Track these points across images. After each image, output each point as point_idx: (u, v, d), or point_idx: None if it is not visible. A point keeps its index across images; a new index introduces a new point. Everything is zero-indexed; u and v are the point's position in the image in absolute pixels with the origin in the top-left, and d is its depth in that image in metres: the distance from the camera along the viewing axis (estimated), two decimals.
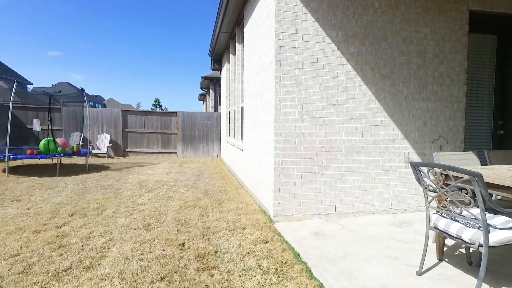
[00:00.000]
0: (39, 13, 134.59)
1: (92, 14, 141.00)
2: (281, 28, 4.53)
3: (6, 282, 2.83)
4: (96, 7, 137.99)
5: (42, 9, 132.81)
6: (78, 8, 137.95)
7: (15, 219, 4.67)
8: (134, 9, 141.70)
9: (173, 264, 3.17)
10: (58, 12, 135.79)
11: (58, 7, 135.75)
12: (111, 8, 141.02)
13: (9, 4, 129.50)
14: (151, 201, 5.79)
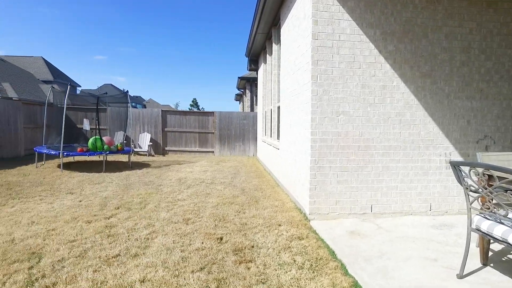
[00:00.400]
0: (86, 21, 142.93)
1: (133, 19, 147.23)
2: (318, 28, 4.57)
3: (67, 263, 3.13)
4: (136, 12, 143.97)
5: (89, 17, 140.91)
6: (120, 14, 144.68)
7: (70, 210, 5.07)
8: (172, 12, 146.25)
9: (211, 256, 3.33)
10: (103, 19, 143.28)
11: (103, 14, 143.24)
12: (150, 13, 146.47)
13: (61, 15, 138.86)
14: (190, 197, 6.03)
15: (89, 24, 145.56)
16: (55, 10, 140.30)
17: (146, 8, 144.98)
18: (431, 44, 4.95)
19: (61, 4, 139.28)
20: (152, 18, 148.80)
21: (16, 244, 3.65)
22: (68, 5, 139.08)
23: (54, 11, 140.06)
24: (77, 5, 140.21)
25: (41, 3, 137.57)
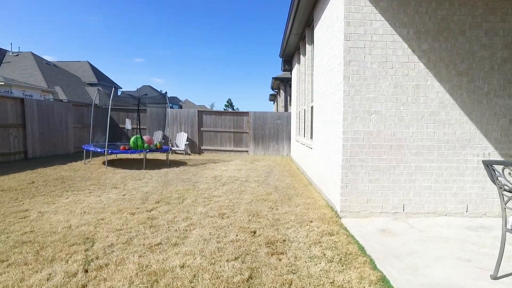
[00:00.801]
0: (127, 26, 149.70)
1: (169, 22, 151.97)
2: (350, 29, 4.65)
3: (116, 248, 3.48)
4: (172, 16, 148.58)
5: (129, 22, 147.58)
6: (157, 18, 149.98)
7: (115, 203, 5.51)
8: (206, 15, 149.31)
9: (245, 248, 3.54)
10: (141, 23, 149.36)
11: (141, 18, 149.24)
12: (186, 16, 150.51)
13: (104, 22, 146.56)
14: (225, 194, 6.30)
15: (130, 29, 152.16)
16: (98, 17, 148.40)
17: (183, 11, 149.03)
18: (469, 42, 4.86)
19: (103, 11, 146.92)
20: (189, 20, 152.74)
21: (73, 230, 4.08)
22: (110, 11, 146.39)
23: (97, 18, 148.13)
24: (119, 10, 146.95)
25: (86, 11, 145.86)
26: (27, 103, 11.13)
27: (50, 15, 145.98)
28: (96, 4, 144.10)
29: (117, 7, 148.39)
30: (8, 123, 10.35)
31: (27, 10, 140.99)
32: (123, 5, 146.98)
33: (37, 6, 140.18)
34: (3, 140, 10.19)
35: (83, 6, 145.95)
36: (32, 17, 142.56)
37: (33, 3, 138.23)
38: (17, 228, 4.16)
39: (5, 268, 3.03)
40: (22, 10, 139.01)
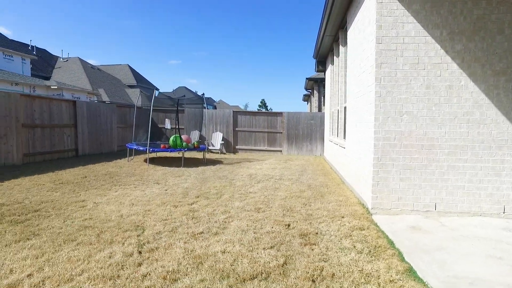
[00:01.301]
0: (163, 30, 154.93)
1: (203, 25, 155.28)
2: (382, 32, 4.80)
3: (163, 235, 3.90)
4: (206, 18, 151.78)
5: (165, 26, 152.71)
6: (191, 20, 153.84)
7: (159, 196, 6.00)
8: (239, 17, 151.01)
9: (280, 238, 3.83)
10: (175, 26, 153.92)
11: (178, 22, 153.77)
12: (219, 18, 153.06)
13: (141, 26, 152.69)
14: (260, 191, 6.62)
15: (165, 32, 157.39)
16: (135, 21, 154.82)
17: (216, 12, 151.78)
18: (508, 40, 4.83)
19: (141, 16, 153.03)
20: (222, 22, 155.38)
21: (124, 218, 4.57)
22: (146, 15, 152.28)
23: (135, 22, 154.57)
24: (156, 14, 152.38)
25: (124, 16, 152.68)
26: (78, 105, 12.09)
27: (93, 21, 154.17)
28: (136, 9, 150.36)
29: (154, 11, 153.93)
30: (63, 124, 11.32)
31: (73, 16, 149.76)
32: (160, 9, 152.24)
33: (81, 13, 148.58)
34: (59, 138, 11.16)
35: (123, 12, 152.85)
36: (78, 24, 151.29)
37: (78, 10, 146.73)
38: (78, 215, 4.71)
39: (75, 246, 3.52)
40: (70, 16, 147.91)
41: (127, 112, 15.37)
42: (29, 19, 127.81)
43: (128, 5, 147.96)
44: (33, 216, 4.66)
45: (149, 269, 3.02)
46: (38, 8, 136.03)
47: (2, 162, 9.10)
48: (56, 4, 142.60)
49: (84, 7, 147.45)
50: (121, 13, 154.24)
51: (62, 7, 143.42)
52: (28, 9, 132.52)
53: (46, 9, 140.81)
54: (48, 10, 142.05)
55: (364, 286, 2.74)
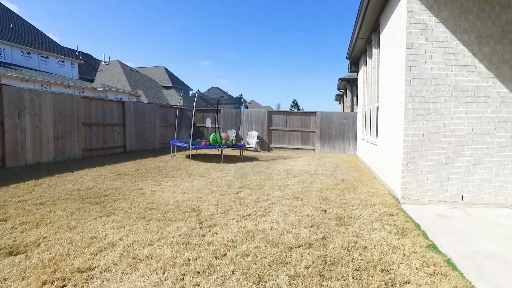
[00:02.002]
0: (194, 32, 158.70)
1: (233, 26, 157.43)
2: (411, 38, 5.25)
3: (217, 216, 4.61)
4: (237, 19, 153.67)
5: (196, 28, 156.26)
6: (222, 22, 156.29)
7: (206, 187, 6.75)
8: (270, 18, 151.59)
9: (318, 220, 4.42)
10: (207, 28, 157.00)
11: (208, 24, 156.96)
12: (250, 19, 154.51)
13: (174, 29, 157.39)
14: (297, 183, 7.21)
15: (197, 34, 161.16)
16: (168, 25, 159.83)
17: (247, 14, 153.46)
18: None
19: (174, 19, 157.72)
20: (253, 22, 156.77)
21: (181, 203, 5.33)
22: (178, 19, 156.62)
23: (170, 26, 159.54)
24: (187, 17, 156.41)
25: (159, 20, 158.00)
26: (127, 105, 13.23)
27: (130, 25, 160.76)
28: (169, 13, 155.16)
29: (189, 14, 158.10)
30: (114, 122, 12.47)
31: (112, 21, 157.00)
32: (194, 12, 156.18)
33: (118, 17, 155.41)
34: (110, 136, 12.31)
35: (157, 15, 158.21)
36: (116, 28, 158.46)
37: (116, 15, 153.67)
38: (141, 200, 5.53)
39: (147, 222, 4.30)
40: (109, 21, 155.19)
41: (167, 112, 16.44)
42: (75, 26, 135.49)
43: (162, 8, 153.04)
44: (105, 199, 5.53)
45: (212, 239, 3.72)
46: (83, 15, 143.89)
47: (67, 156, 10.28)
48: (96, 11, 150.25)
49: (121, 12, 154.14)
50: (156, 17, 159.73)
51: (102, 13, 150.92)
52: (75, 17, 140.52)
53: (89, 16, 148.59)
54: (91, 17, 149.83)
55: (391, 255, 3.28)
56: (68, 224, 4.22)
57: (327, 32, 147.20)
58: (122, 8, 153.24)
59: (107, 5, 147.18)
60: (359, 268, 2.99)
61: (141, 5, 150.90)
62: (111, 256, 3.25)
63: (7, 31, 22.95)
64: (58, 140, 10.00)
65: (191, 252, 3.34)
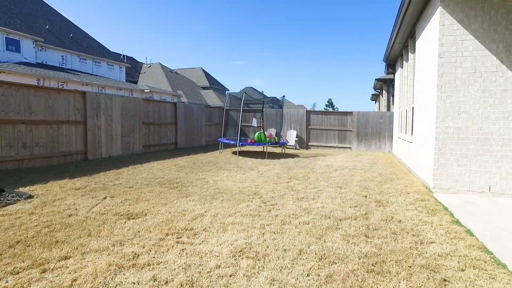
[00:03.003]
0: (228, 32, 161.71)
1: (265, 27, 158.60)
2: (443, 49, 6.01)
3: (276, 198, 5.66)
4: (271, 19, 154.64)
5: (230, 29, 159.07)
6: (253, 23, 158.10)
7: (259, 178, 7.81)
8: (304, 19, 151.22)
9: (360, 202, 5.35)
10: (241, 29, 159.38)
11: (241, 25, 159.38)
12: (283, 19, 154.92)
13: (208, 29, 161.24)
14: (339, 176, 8.12)
15: (230, 35, 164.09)
16: (203, 26, 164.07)
17: (282, 14, 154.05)
18: None
19: (208, 21, 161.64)
20: (287, 22, 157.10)
21: (242, 189, 6.42)
22: (212, 20, 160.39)
23: (204, 27, 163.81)
24: (220, 18, 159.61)
25: (193, 21, 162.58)
26: (178, 106, 14.64)
27: (167, 27, 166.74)
28: (204, 15, 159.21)
29: (222, 16, 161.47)
30: (167, 122, 13.91)
31: (151, 24, 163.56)
32: (228, 14, 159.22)
33: (155, 19, 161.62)
34: (164, 134, 13.77)
35: (192, 17, 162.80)
36: (156, 30, 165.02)
37: (152, 17, 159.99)
38: (207, 186, 6.68)
39: (220, 202, 5.42)
40: (149, 24, 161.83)
41: (212, 112, 17.77)
42: (118, 30, 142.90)
43: (194, 9, 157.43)
44: (178, 185, 6.73)
45: (277, 213, 4.76)
46: (124, 19, 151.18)
47: (131, 151, 11.79)
48: (137, 16, 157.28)
49: (158, 14, 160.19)
50: (191, 18, 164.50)
51: (142, 17, 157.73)
52: (118, 22, 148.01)
53: (130, 20, 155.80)
54: (132, 21, 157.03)
55: (421, 226, 4.16)
56: (159, 201, 5.43)
57: (361, 34, 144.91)
58: (159, 9, 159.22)
59: (139, 8, 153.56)
60: (395, 232, 3.91)
61: (173, 6, 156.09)
62: (204, 222, 4.37)
63: (68, 40, 25.40)
64: (124, 137, 11.50)
65: (263, 221, 4.40)
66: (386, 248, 3.46)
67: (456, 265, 3.06)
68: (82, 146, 9.91)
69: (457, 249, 3.43)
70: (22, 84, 8.47)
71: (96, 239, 3.70)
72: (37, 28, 23.03)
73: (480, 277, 2.81)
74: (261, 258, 3.20)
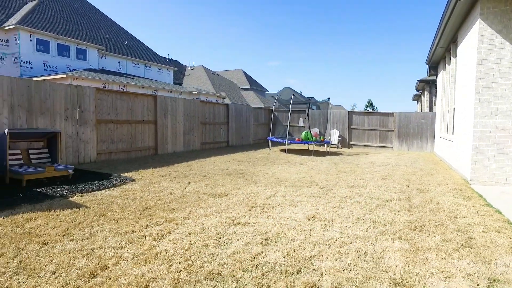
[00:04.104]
0: (263, 33, 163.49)
1: (301, 28, 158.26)
2: (482, 56, 6.75)
3: (331, 186, 6.71)
4: (306, 18, 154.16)
5: (265, 30, 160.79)
6: (287, 23, 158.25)
7: (310, 171, 8.88)
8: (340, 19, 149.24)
9: (403, 190, 6.28)
10: (276, 28, 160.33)
11: (277, 26, 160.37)
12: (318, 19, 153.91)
13: (242, 32, 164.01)
14: (382, 170, 9.00)
15: (266, 36, 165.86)
16: (239, 29, 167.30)
17: (316, 14, 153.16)
18: None
19: (243, 23, 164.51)
20: (323, 23, 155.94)
21: (299, 179, 7.53)
22: (249, 23, 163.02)
23: (238, 30, 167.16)
24: (256, 18, 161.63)
25: (230, 25, 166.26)
26: (230, 107, 16.04)
27: (204, 30, 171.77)
28: (238, 18, 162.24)
29: (254, 19, 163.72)
30: (220, 122, 15.34)
31: (191, 28, 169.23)
32: (263, 16, 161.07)
33: (195, 23, 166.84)
34: (218, 133, 15.20)
35: (228, 20, 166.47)
36: (194, 39, 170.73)
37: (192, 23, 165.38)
38: (268, 176, 7.85)
39: (285, 187, 6.58)
40: (191, 28, 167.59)
41: (258, 113, 19.04)
42: (164, 35, 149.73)
43: (230, 10, 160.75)
44: (243, 175, 7.96)
45: (334, 195, 5.83)
46: (168, 25, 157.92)
47: (191, 148, 13.31)
48: (178, 20, 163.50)
49: (196, 18, 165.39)
50: (226, 21, 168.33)
51: (178, 18, 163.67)
52: (163, 27, 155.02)
53: (173, 26, 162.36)
54: (170, 25, 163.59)
55: (456, 207, 5.06)
56: (233, 186, 6.66)
57: (401, 33, 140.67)
58: (197, 12, 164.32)
59: (179, 11, 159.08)
60: (433, 210, 4.86)
61: (207, 8, 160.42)
62: (277, 200, 5.54)
63: (123, 47, 27.86)
64: (185, 135, 13.03)
65: (324, 200, 5.50)
66: (425, 218, 4.44)
67: (481, 229, 3.98)
68: (153, 142, 11.50)
69: (484, 221, 4.32)
70: (111, 90, 10.16)
71: (200, 208, 4.98)
72: (99, 38, 25.54)
73: (499, 236, 3.73)
74: (329, 221, 4.31)
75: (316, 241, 3.60)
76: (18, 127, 7.41)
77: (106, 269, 2.93)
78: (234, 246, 3.47)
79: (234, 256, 3.20)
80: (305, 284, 2.64)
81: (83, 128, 9.02)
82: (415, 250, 3.35)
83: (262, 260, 3.10)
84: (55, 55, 22.04)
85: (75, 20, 24.77)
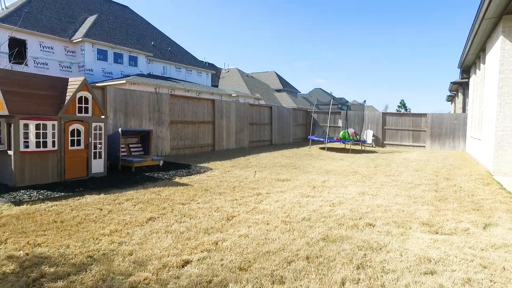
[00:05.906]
0: (291, 35, 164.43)
1: (329, 27, 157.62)
2: (503, 67, 7.98)
3: (371, 174, 8.21)
4: (333, 21, 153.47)
5: (293, 32, 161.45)
6: (319, 23, 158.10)
7: (351, 164, 10.35)
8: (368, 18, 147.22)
9: (432, 178, 7.67)
10: (304, 28, 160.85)
11: (305, 27, 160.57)
12: (347, 21, 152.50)
13: (270, 34, 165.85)
14: (415, 165, 10.32)
15: (293, 37, 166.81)
16: (264, 31, 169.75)
17: (347, 13, 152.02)
18: None
19: (270, 26, 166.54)
20: (357, 24, 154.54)
21: (344, 170, 9.06)
22: (275, 26, 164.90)
23: (264, 32, 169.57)
24: (282, 21, 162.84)
25: (258, 27, 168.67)
26: (273, 109, 17.72)
27: (236, 33, 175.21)
28: (266, 20, 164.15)
29: (281, 22, 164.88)
30: (265, 122, 17.05)
31: (222, 31, 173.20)
32: (291, 20, 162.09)
33: (227, 27, 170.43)
34: (262, 132, 16.92)
35: (254, 23, 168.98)
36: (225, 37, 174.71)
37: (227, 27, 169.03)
38: (316, 168, 9.42)
39: (334, 175, 8.13)
40: (223, 31, 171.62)
41: (297, 114, 20.60)
42: (201, 39, 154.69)
43: (257, 13, 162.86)
44: (295, 167, 9.56)
45: (375, 181, 7.33)
46: (203, 29, 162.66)
47: (241, 145, 15.10)
48: (211, 24, 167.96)
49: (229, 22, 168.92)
50: (253, 25, 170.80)
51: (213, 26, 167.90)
52: (200, 30, 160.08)
53: (207, 30, 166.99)
54: (202, 28, 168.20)
55: (475, 190, 6.43)
56: (292, 174, 8.29)
57: (433, 34, 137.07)
58: (228, 16, 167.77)
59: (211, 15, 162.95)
60: (455, 191, 6.28)
61: (234, 12, 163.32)
62: (330, 183, 7.11)
63: (167, 53, 30.28)
64: (237, 134, 14.83)
65: (368, 183, 7.03)
66: (448, 195, 5.91)
67: (490, 201, 5.42)
68: (211, 140, 13.37)
69: (494, 198, 5.71)
70: (180, 95, 12.11)
71: (274, 188, 6.64)
72: (146, 45, 28.03)
73: (502, 205, 5.15)
74: (375, 195, 5.86)
75: (368, 205, 5.19)
76: (118, 127, 9.42)
77: (236, 216, 4.65)
78: (312, 206, 5.12)
79: (315, 211, 4.85)
80: (366, 223, 4.24)
81: (160, 127, 10.98)
82: (437, 210, 4.87)
83: (334, 213, 4.73)
84: (111, 62, 24.67)
85: (126, 29, 27.40)
